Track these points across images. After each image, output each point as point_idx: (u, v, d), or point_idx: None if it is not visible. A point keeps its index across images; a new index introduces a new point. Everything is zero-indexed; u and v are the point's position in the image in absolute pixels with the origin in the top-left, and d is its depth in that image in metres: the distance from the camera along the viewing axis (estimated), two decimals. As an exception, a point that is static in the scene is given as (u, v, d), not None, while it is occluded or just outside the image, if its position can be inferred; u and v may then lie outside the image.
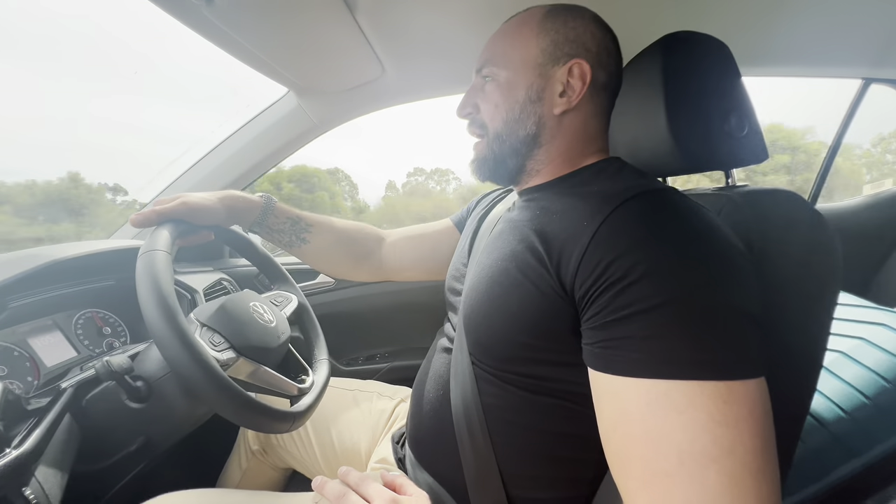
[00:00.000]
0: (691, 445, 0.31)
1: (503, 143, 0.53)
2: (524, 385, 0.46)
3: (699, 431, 0.31)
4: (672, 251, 0.36)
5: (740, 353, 0.33)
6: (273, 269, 0.78)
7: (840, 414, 0.60)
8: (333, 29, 0.72)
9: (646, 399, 0.33)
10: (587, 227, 0.40)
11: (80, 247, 0.70)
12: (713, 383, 0.32)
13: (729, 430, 0.31)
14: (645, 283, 0.35)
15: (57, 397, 0.51)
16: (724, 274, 0.36)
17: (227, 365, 0.51)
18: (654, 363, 0.34)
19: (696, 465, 0.31)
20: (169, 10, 0.63)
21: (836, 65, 1.09)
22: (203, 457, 0.89)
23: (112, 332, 0.75)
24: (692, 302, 0.34)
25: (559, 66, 0.50)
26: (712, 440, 0.31)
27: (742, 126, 0.52)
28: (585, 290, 0.39)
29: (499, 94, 0.52)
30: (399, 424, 0.75)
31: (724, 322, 0.34)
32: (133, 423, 0.54)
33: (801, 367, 0.46)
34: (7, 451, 0.43)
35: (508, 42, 0.53)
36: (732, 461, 0.31)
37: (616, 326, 0.36)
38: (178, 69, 61.73)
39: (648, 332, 0.34)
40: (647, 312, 0.34)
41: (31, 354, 0.61)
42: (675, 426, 0.32)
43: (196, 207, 0.60)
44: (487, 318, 0.48)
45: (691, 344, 0.33)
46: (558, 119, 0.51)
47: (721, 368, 0.33)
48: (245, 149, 1.02)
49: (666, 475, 0.32)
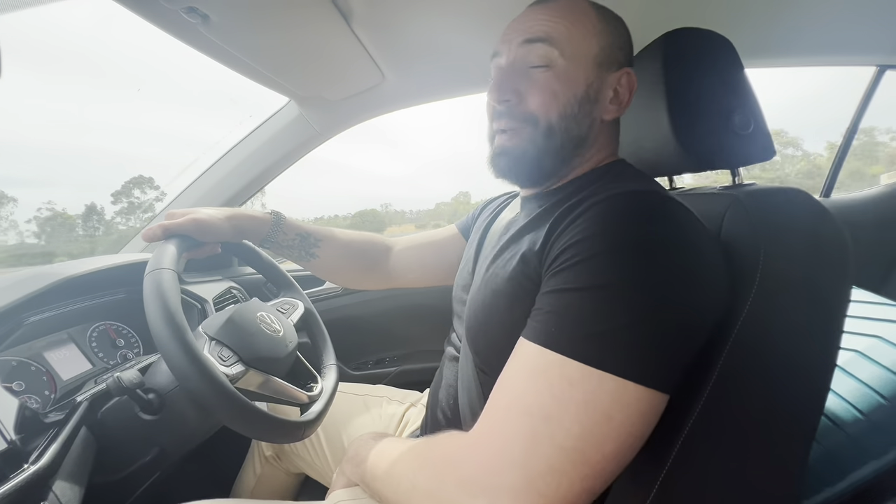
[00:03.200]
0: (519, 399, 0.36)
1: (552, 139, 0.48)
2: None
3: (533, 393, 0.35)
4: (619, 246, 0.37)
5: (621, 351, 0.34)
6: (279, 276, 0.79)
7: (856, 415, 0.58)
8: (330, 39, 0.72)
9: (522, 358, 0.39)
10: (568, 219, 0.42)
11: (91, 262, 0.72)
12: (572, 362, 0.35)
13: (555, 403, 0.34)
14: (577, 268, 0.37)
15: (73, 411, 0.52)
16: (661, 280, 0.36)
17: (236, 379, 0.51)
18: (541, 332, 0.38)
19: (517, 413, 0.36)
20: (167, 30, 0.64)
21: (849, 53, 1.06)
22: (218, 463, 0.90)
23: (125, 344, 0.76)
24: (602, 293, 0.36)
25: (613, 70, 0.50)
26: (538, 403, 0.35)
27: (747, 123, 0.51)
28: (548, 265, 0.41)
29: (558, 83, 0.47)
30: (410, 429, 0.75)
31: (622, 319, 0.35)
32: (147, 435, 0.55)
33: (814, 367, 0.45)
34: (25, 466, 0.44)
35: (571, 28, 0.47)
36: (544, 426, 0.34)
37: (540, 299, 0.40)
38: (187, 76, 63.32)
39: (552, 307, 0.38)
40: (561, 292, 0.38)
41: (47, 369, 0.62)
42: (524, 382, 0.37)
43: (204, 225, 0.62)
44: (488, 327, 0.48)
45: (574, 324, 0.36)
46: (603, 125, 0.51)
47: (584, 352, 0.34)
48: (249, 159, 1.03)
49: (496, 409, 0.38)
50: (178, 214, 0.61)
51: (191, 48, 0.68)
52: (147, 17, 0.61)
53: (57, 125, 36.34)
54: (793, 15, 0.86)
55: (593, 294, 0.36)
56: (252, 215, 0.70)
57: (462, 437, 0.41)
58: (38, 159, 14.92)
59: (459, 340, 0.59)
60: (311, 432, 0.57)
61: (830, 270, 0.44)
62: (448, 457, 0.40)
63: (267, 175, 1.07)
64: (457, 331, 0.62)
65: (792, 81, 1.23)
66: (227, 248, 0.71)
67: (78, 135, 31.47)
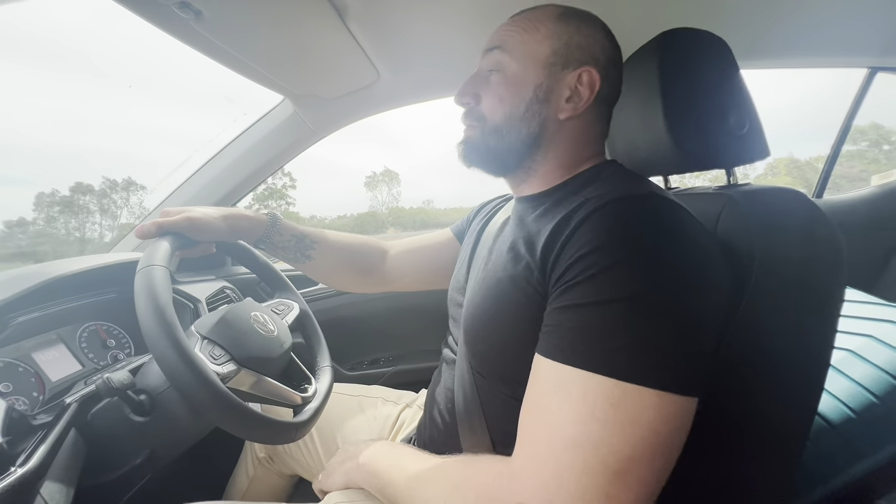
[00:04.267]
0: (563, 429, 0.34)
1: (501, 139, 0.52)
2: (522, 396, 0.46)
3: (576, 421, 0.34)
4: (631, 254, 0.37)
5: (655, 362, 0.34)
6: (274, 277, 0.79)
7: (848, 414, 0.59)
8: (325, 36, 0.71)
9: (552, 378, 0.37)
10: (567, 230, 0.41)
11: (81, 262, 0.71)
12: (609, 381, 0.33)
13: (602, 427, 0.33)
14: (594, 281, 0.36)
15: (62, 413, 0.51)
16: (678, 284, 0.36)
17: (227, 378, 0.51)
18: (568, 350, 0.36)
19: (563, 443, 0.34)
20: (159, 25, 0.63)
21: (841, 54, 1.07)
22: (210, 465, 0.89)
23: (116, 344, 0.75)
24: (626, 305, 0.35)
25: (569, 70, 0.50)
26: (585, 432, 0.33)
27: (742, 123, 0.51)
28: (555, 281, 0.40)
29: (504, 88, 0.51)
30: (405, 430, 0.75)
31: (651, 329, 0.34)
32: (138, 437, 0.54)
33: (808, 367, 0.46)
34: (12, 469, 0.43)
35: (523, 35, 0.51)
36: (595, 457, 0.32)
37: (555, 314, 0.39)
38: (183, 73, 62.97)
39: (574, 323, 0.37)
40: (581, 307, 0.37)
41: (35, 370, 0.61)
42: (563, 408, 0.35)
43: (199, 223, 0.61)
44: (484, 330, 0.48)
45: (603, 340, 0.35)
46: (561, 124, 0.51)
47: (621, 369, 0.33)
48: (243, 157, 1.02)
49: (538, 439, 0.36)
50: (172, 212, 0.61)
51: (184, 45, 0.68)
52: (139, 12, 0.60)
53: (52, 123, 35.54)
54: (787, 16, 0.87)
55: (617, 307, 0.35)
56: (248, 215, 0.70)
57: (503, 466, 0.39)
58: (33, 158, 14.55)
59: (456, 343, 0.59)
60: (303, 433, 0.57)
61: (825, 270, 0.45)
62: (490, 489, 0.38)
63: (260, 173, 1.06)
64: (453, 333, 0.62)
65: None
66: (222, 248, 0.71)
67: (73, 133, 30.85)
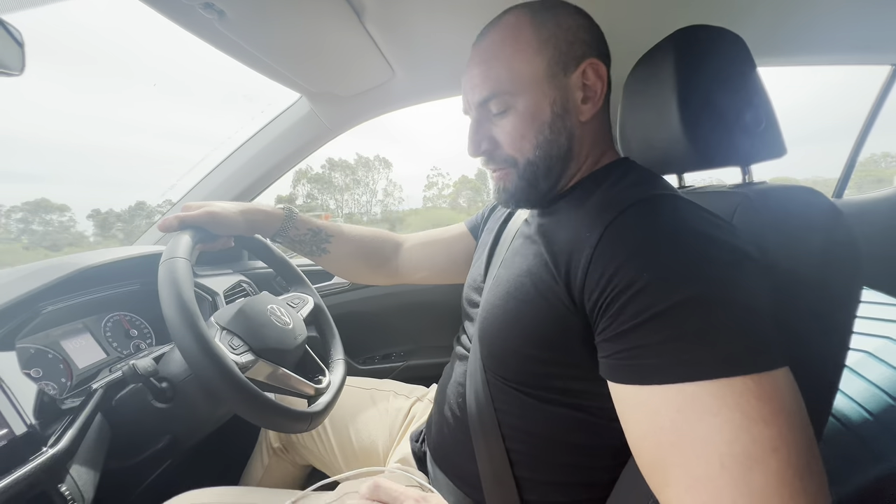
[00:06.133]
0: (730, 447, 0.30)
1: (538, 169, 0.50)
2: (537, 396, 0.46)
3: (737, 431, 0.30)
4: (672, 255, 0.35)
5: (759, 346, 0.32)
6: (289, 271, 0.80)
7: (865, 416, 0.58)
8: (343, 36, 0.73)
9: (675, 406, 0.32)
10: (589, 238, 0.40)
11: (106, 254, 0.73)
12: (741, 379, 0.31)
13: (768, 428, 0.29)
14: (651, 290, 0.34)
15: (88, 398, 0.53)
16: (728, 273, 0.35)
17: (246, 367, 0.52)
18: (675, 366, 0.32)
19: (740, 468, 0.29)
20: (184, 26, 0.65)
21: (863, 51, 1.04)
22: (227, 453, 0.92)
23: (139, 334, 0.78)
24: (700, 302, 0.33)
25: (571, 71, 0.48)
26: (752, 439, 0.29)
27: (759, 121, 0.51)
28: (594, 303, 0.38)
29: (523, 124, 0.48)
30: (416, 423, 0.76)
31: (735, 317, 0.33)
32: (159, 422, 0.56)
33: (823, 367, 0.45)
34: (44, 449, 0.45)
35: (510, 64, 0.48)
36: (777, 460, 0.29)
37: (629, 335, 0.35)
38: (199, 75, 63.85)
39: (662, 336, 0.33)
40: (657, 317, 0.34)
41: (63, 357, 0.64)
42: (712, 429, 0.30)
43: (219, 218, 0.63)
44: (502, 332, 0.48)
45: (708, 343, 0.32)
46: (584, 126, 0.50)
47: (744, 363, 0.31)
48: (261, 154, 1.04)
49: (708, 479, 0.30)
50: (194, 207, 0.63)
51: (206, 44, 0.69)
52: (165, 13, 0.62)
53: (75, 120, 36.65)
54: (806, 13, 0.85)
55: (687, 308, 0.33)
56: (265, 210, 0.72)
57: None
58: (54, 156, 14.97)
59: (469, 341, 0.59)
60: (317, 424, 0.58)
61: (841, 271, 0.44)
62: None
63: (277, 170, 1.08)
64: (467, 332, 0.62)
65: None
66: (240, 242, 0.73)
67: (96, 131, 31.75)
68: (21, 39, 0.49)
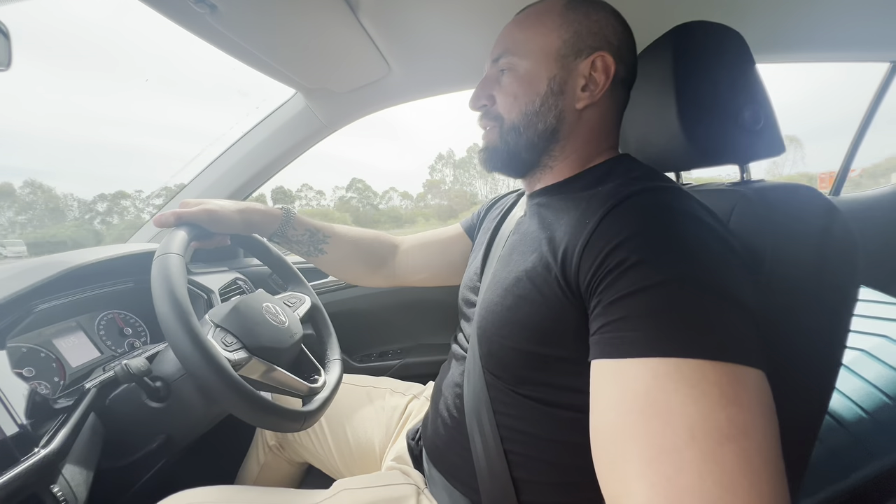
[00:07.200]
0: (704, 420, 0.29)
1: (519, 136, 0.52)
2: (535, 397, 0.46)
3: (713, 407, 0.29)
4: (666, 238, 0.36)
5: (741, 340, 0.32)
6: (286, 270, 0.80)
7: (861, 414, 0.58)
8: (337, 31, 0.72)
9: (652, 374, 0.31)
10: (588, 224, 0.41)
11: (100, 251, 0.72)
12: (722, 364, 0.30)
13: (742, 411, 0.29)
14: (641, 267, 0.35)
15: (81, 397, 0.53)
16: (719, 264, 0.35)
17: (239, 365, 0.52)
18: (658, 340, 0.32)
19: (711, 442, 0.28)
20: (174, 19, 0.64)
21: (862, 49, 1.04)
22: (223, 452, 0.92)
23: (133, 333, 0.77)
24: (691, 283, 0.33)
25: (582, 58, 0.49)
26: (727, 417, 0.29)
27: (757, 119, 0.50)
28: (587, 282, 0.39)
29: (518, 86, 0.51)
30: (412, 421, 0.76)
31: (722, 308, 0.33)
32: (153, 422, 0.56)
33: (819, 365, 0.45)
34: (35, 450, 0.45)
35: (529, 32, 0.51)
36: (748, 442, 0.28)
37: (614, 307, 0.35)
38: (194, 70, 63.69)
39: (646, 310, 0.33)
40: (644, 291, 0.34)
41: (56, 355, 0.63)
42: (687, 400, 0.30)
43: (216, 216, 0.63)
44: (500, 330, 0.48)
45: (693, 324, 0.32)
46: (579, 114, 0.51)
47: (727, 351, 0.31)
48: (256, 150, 1.03)
49: (675, 450, 0.29)
50: (191, 203, 0.62)
51: (198, 38, 0.68)
52: (156, 6, 0.61)
53: (67, 116, 36.42)
54: (805, 9, 0.84)
55: (676, 288, 0.33)
56: (263, 209, 0.71)
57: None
58: (48, 150, 14.94)
59: (466, 340, 0.59)
60: (310, 424, 0.58)
61: (838, 269, 0.44)
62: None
63: (272, 167, 1.07)
64: (464, 332, 0.62)
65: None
66: (237, 241, 0.72)
67: (89, 127, 31.55)
68: (5, 30, 0.48)
